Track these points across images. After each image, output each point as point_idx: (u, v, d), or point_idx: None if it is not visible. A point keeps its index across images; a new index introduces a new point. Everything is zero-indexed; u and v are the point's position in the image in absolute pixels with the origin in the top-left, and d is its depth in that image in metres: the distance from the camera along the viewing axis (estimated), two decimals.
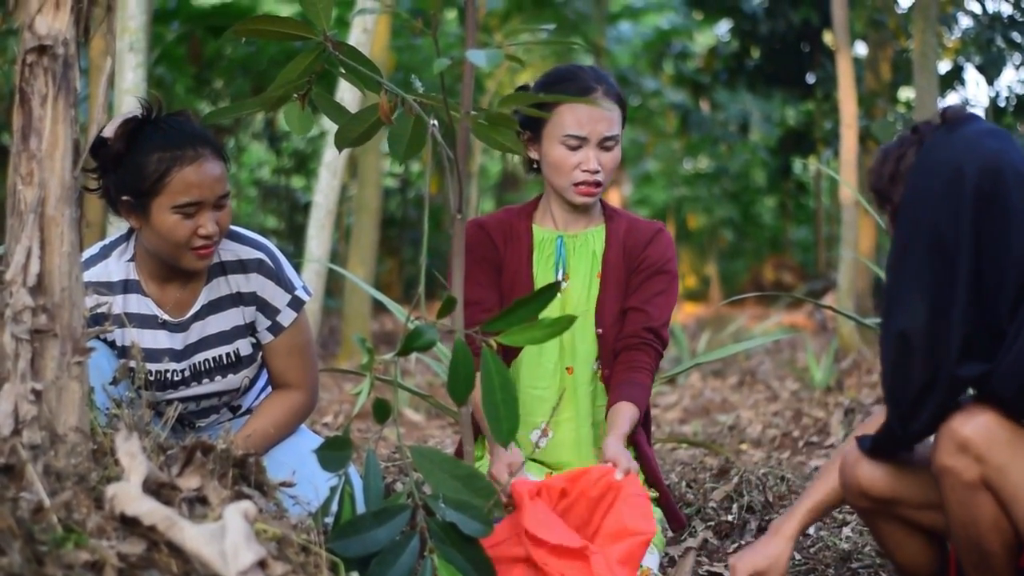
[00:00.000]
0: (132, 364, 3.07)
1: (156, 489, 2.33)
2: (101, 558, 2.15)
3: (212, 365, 3.63)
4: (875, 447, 3.06)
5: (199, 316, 3.59)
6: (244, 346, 3.65)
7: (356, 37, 7.70)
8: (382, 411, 2.70)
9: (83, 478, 2.34)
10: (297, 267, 7.78)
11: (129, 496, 2.23)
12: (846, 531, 4.26)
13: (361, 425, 6.85)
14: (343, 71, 3.03)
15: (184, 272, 3.53)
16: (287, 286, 3.61)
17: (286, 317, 3.61)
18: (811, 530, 4.30)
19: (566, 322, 2.68)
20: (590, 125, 3.62)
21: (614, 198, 21.37)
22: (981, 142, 2.84)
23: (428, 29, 2.90)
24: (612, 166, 3.68)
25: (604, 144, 3.65)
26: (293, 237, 16.31)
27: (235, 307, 3.60)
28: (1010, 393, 2.77)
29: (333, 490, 2.80)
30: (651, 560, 3.48)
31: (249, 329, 3.64)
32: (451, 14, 15.85)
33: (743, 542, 4.22)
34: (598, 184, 3.67)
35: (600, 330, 3.76)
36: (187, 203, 3.35)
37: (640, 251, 3.78)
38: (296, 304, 3.62)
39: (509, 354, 3.72)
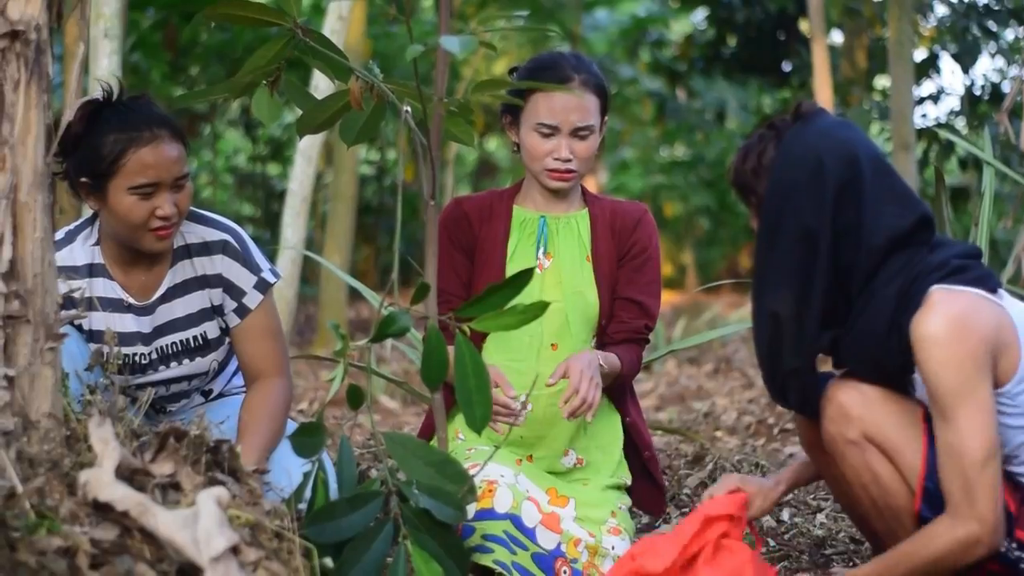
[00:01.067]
0: (105, 349, 3.07)
1: (129, 475, 2.33)
2: (74, 544, 2.15)
3: (179, 348, 3.62)
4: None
5: (165, 299, 3.58)
6: (211, 329, 3.64)
7: (331, 24, 7.69)
8: (356, 398, 2.71)
9: (56, 464, 2.34)
10: (273, 254, 7.78)
11: (102, 482, 2.23)
12: (820, 517, 4.28)
13: (336, 412, 6.84)
14: (313, 59, 3.03)
15: (147, 255, 3.52)
16: (253, 267, 3.60)
17: (252, 299, 3.59)
18: (785, 516, 4.31)
19: (539, 308, 2.68)
20: (563, 115, 3.63)
21: (590, 185, 21.30)
22: (835, 133, 3.09)
23: (403, 16, 2.90)
24: (586, 155, 3.69)
25: (577, 133, 3.65)
26: (269, 224, 16.27)
27: (201, 290, 3.60)
28: (853, 359, 3.09)
29: (306, 476, 2.81)
30: (621, 546, 3.49)
31: (216, 312, 3.63)
32: (427, 1, 15.83)
33: None
34: (570, 172, 3.68)
35: (603, 320, 3.77)
36: (143, 184, 3.34)
37: (629, 234, 3.80)
38: (262, 286, 3.60)
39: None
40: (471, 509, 3.08)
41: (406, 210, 15.54)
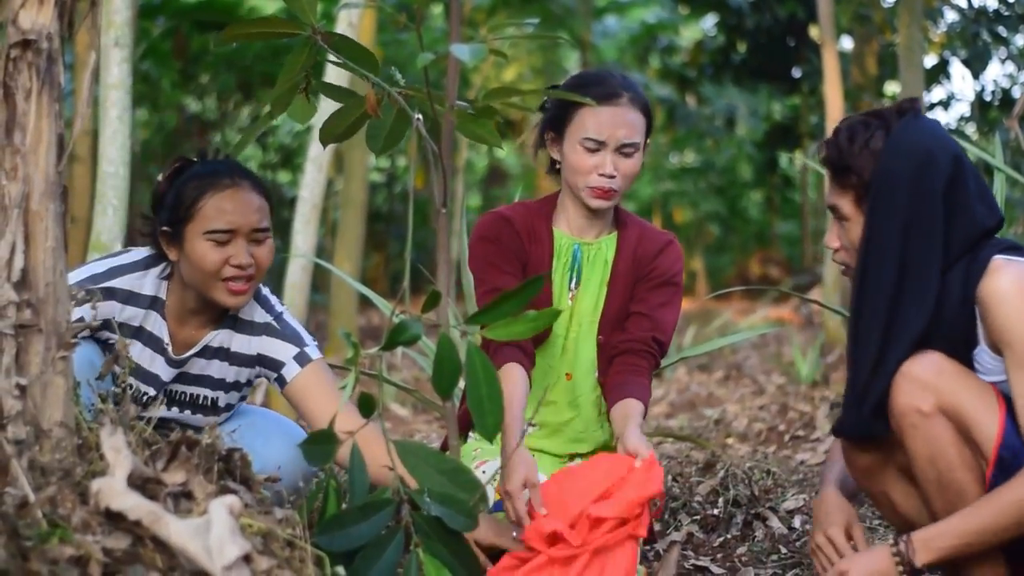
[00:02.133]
0: (120, 357, 3.07)
1: (141, 484, 2.33)
2: (86, 553, 2.15)
3: (187, 399, 3.63)
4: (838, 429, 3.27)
5: (201, 355, 3.59)
6: (224, 398, 3.66)
7: (341, 31, 7.68)
8: (367, 405, 2.70)
9: (68, 473, 2.34)
10: (283, 262, 7.78)
11: (114, 491, 2.23)
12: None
13: None
14: (337, 61, 3.03)
15: (210, 312, 3.53)
16: (296, 341, 3.58)
17: (290, 371, 3.55)
18: (796, 523, 4.31)
19: (549, 316, 2.68)
20: (610, 130, 3.61)
21: None
22: (941, 132, 3.17)
23: (413, 24, 2.89)
24: (630, 173, 3.66)
25: (623, 150, 3.63)
26: (279, 232, 16.24)
27: (234, 366, 3.61)
28: (932, 343, 3.08)
29: (318, 485, 2.81)
30: None
31: (237, 386, 3.65)
32: (437, 8, 15.85)
33: (728, 536, 4.23)
34: (612, 191, 3.65)
35: (601, 337, 3.75)
36: (219, 229, 3.35)
37: (649, 261, 3.77)
38: (302, 359, 3.56)
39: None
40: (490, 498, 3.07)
41: (417, 217, 15.54)
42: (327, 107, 5.24)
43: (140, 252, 3.56)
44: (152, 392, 3.58)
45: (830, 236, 3.29)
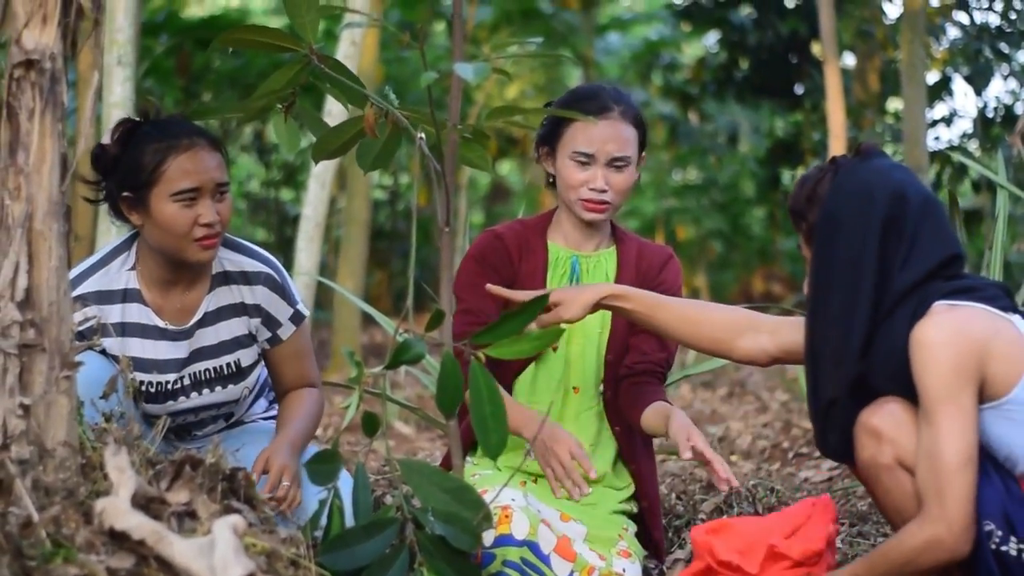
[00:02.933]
0: (121, 377, 3.07)
1: (145, 503, 2.33)
2: (90, 573, 2.15)
3: (213, 375, 3.62)
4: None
5: (203, 323, 3.59)
6: (245, 356, 3.64)
7: (344, 50, 7.69)
8: (371, 424, 2.70)
9: (72, 493, 2.34)
10: None
11: (118, 510, 2.23)
12: (836, 542, 4.26)
13: (350, 438, 6.84)
14: (328, 85, 3.04)
15: (187, 276, 3.54)
16: (290, 300, 3.63)
17: (286, 331, 3.63)
18: None
19: (553, 335, 2.68)
20: (600, 144, 3.61)
21: None
22: (889, 171, 3.20)
23: (416, 42, 2.90)
24: (622, 187, 3.66)
25: (614, 164, 3.63)
26: (282, 250, 16.26)
27: (238, 317, 3.61)
28: (880, 381, 3.12)
29: (322, 503, 2.81)
30: (632, 569, 3.48)
31: (251, 339, 3.64)
32: (439, 26, 15.86)
33: None
34: (605, 203, 3.66)
35: (611, 356, 3.75)
36: (185, 189, 3.37)
37: (655, 275, 3.77)
38: (297, 318, 3.64)
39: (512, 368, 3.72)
40: (488, 536, 3.07)
41: (420, 235, 15.55)
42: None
43: (91, 258, 3.59)
44: (173, 377, 3.58)
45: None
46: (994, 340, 3.02)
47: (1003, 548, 3.02)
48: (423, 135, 2.91)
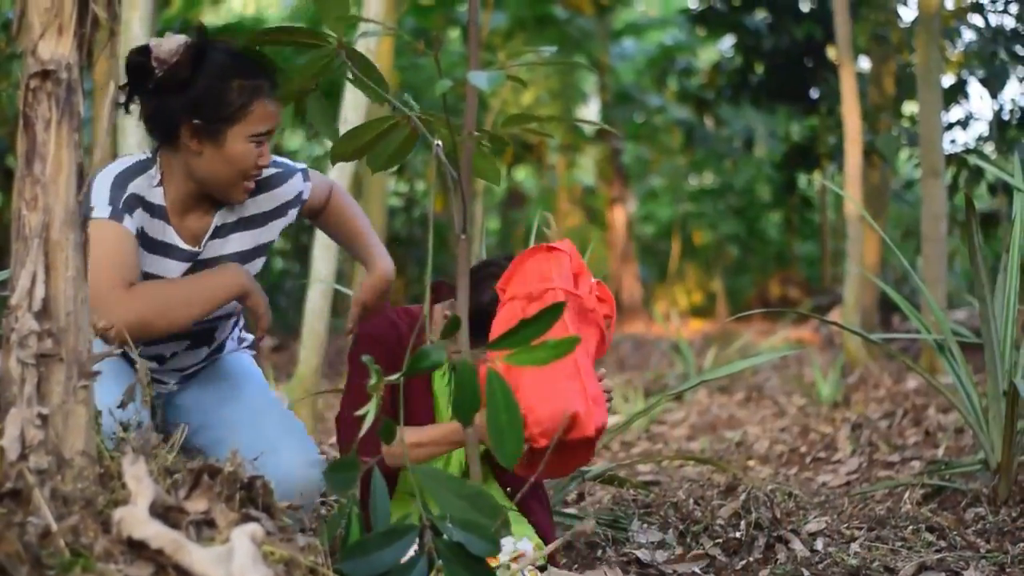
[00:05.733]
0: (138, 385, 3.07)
1: (163, 512, 2.33)
2: None
3: None
4: None
5: (214, 236, 3.61)
6: (255, 267, 3.71)
7: None
8: (389, 432, 2.70)
9: (90, 502, 2.34)
10: (303, 288, 7.78)
11: (136, 519, 2.24)
12: (854, 547, 4.25)
13: None
14: (352, 79, 3.06)
15: (207, 203, 3.58)
16: (291, 169, 3.73)
17: (305, 191, 3.76)
18: (819, 546, 4.29)
19: (570, 343, 2.67)
20: None
21: (619, 214, 21.36)
22: None
23: (430, 50, 2.90)
24: None
25: None
26: (298, 257, 16.31)
27: (252, 228, 3.68)
28: None
29: (340, 510, 2.81)
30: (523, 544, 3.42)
31: (260, 251, 3.71)
32: (454, 33, 15.88)
33: (751, 559, 4.21)
34: None
35: None
36: (263, 132, 3.44)
37: None
38: (306, 175, 3.76)
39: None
40: None
41: (436, 241, 15.56)
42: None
43: (124, 161, 3.57)
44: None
45: None
46: None
47: None
48: (440, 142, 2.92)
